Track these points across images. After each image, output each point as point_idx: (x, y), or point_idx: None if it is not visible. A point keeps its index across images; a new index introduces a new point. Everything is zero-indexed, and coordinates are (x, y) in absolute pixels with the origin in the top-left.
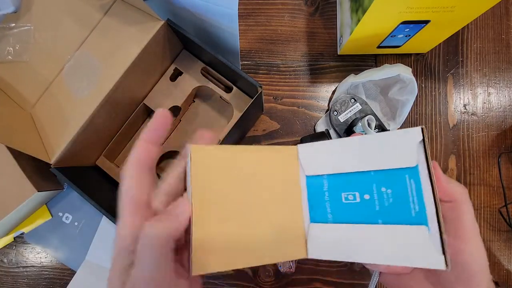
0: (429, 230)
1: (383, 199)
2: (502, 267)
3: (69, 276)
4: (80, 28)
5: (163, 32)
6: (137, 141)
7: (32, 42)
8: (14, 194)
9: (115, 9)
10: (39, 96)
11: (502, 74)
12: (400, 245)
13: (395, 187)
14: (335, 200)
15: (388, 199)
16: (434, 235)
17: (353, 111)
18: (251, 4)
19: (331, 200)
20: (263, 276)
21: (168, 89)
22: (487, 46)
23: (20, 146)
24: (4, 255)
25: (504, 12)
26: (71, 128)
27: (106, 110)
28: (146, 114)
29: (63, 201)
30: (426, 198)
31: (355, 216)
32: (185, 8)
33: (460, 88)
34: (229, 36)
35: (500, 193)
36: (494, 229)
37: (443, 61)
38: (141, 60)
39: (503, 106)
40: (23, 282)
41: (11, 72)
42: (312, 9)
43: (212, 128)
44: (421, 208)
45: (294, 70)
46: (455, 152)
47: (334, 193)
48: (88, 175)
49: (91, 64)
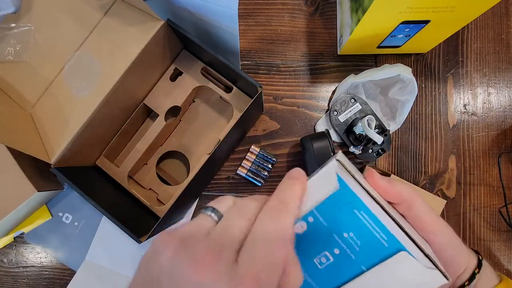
0: (409, 252)
1: (352, 246)
2: (502, 267)
3: (69, 276)
4: (80, 28)
5: (163, 32)
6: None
7: (32, 42)
8: (14, 194)
9: (115, 9)
10: (39, 96)
11: (502, 74)
12: (398, 281)
13: (353, 227)
14: (312, 270)
15: (356, 242)
16: (418, 255)
17: (353, 111)
18: (251, 4)
19: (309, 272)
20: None
21: (168, 89)
22: (487, 46)
23: (20, 146)
24: (4, 255)
25: (504, 12)
26: (71, 128)
27: (106, 110)
28: (146, 114)
29: (63, 201)
30: (384, 221)
31: (341, 275)
32: (185, 8)
33: (460, 88)
34: (229, 36)
35: (500, 193)
36: (494, 229)
37: (443, 61)
38: (141, 60)
39: (503, 106)
40: (23, 282)
41: (11, 72)
42: (312, 9)
43: (212, 128)
44: (387, 234)
45: (294, 70)
46: (455, 152)
47: (308, 264)
48: (88, 175)
49: (91, 64)
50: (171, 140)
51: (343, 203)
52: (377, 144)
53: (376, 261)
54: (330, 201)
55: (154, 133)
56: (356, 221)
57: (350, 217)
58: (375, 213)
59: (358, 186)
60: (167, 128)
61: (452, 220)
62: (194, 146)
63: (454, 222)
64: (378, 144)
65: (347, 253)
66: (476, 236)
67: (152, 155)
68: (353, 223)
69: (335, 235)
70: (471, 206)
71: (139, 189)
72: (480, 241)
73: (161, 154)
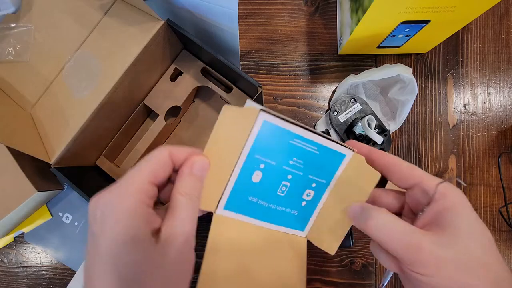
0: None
1: (297, 167)
2: None
3: (69, 276)
4: (80, 28)
5: (163, 32)
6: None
7: (32, 42)
8: (14, 194)
9: (115, 9)
10: (39, 96)
11: (502, 74)
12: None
13: (293, 153)
14: (279, 200)
15: (299, 162)
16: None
17: (353, 111)
18: (251, 4)
19: (277, 202)
20: None
21: (168, 89)
22: (487, 46)
23: (20, 146)
24: (4, 255)
25: (504, 12)
26: (71, 128)
27: (106, 110)
28: (146, 114)
29: (63, 201)
30: (311, 137)
31: (299, 192)
32: (185, 8)
33: (460, 88)
34: (229, 36)
35: (500, 193)
36: (494, 229)
37: (443, 61)
38: (141, 60)
39: (503, 106)
40: (23, 282)
41: (11, 72)
42: (312, 9)
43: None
44: (316, 145)
45: (294, 70)
46: (455, 152)
47: (274, 197)
48: (88, 175)
49: (91, 64)
50: (171, 140)
51: (278, 139)
52: (377, 144)
53: (317, 167)
54: (265, 143)
55: (154, 133)
56: (293, 148)
57: (288, 147)
58: (303, 135)
59: (284, 122)
60: (167, 128)
61: None
62: (194, 146)
63: None
64: (378, 144)
65: (296, 173)
66: None
67: None
68: (292, 150)
69: (284, 166)
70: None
71: None
72: None
73: None
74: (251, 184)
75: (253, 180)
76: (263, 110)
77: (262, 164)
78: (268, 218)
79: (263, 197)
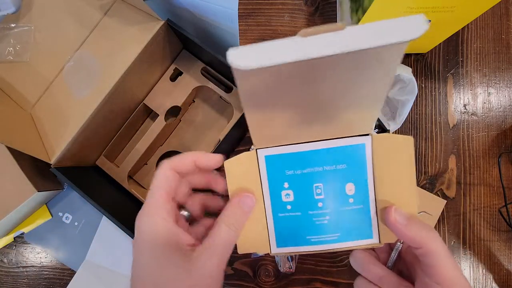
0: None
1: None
2: (502, 267)
3: (69, 276)
4: (80, 28)
5: (163, 32)
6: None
7: (32, 42)
8: (14, 194)
9: (115, 9)
10: (39, 96)
11: (502, 74)
12: None
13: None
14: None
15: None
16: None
17: None
18: (251, 4)
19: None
20: (263, 276)
21: (168, 89)
22: (487, 46)
23: (20, 146)
24: (4, 255)
25: (504, 12)
26: (71, 128)
27: (106, 110)
28: (146, 114)
29: (63, 201)
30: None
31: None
32: (185, 8)
33: (460, 88)
34: (229, 36)
35: (500, 193)
36: (494, 229)
37: (443, 61)
38: (141, 60)
39: (503, 106)
40: (23, 282)
41: (11, 72)
42: (312, 9)
43: (212, 128)
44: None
45: None
46: (455, 152)
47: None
48: (88, 175)
49: (91, 64)
50: (171, 140)
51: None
52: None
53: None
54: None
55: (154, 133)
56: (307, 162)
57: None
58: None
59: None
60: (167, 128)
61: (452, 220)
62: (194, 146)
63: (454, 222)
64: None
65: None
66: (476, 236)
67: (152, 155)
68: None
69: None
70: (471, 206)
71: (139, 189)
72: (480, 241)
73: (161, 154)
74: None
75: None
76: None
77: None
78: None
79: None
